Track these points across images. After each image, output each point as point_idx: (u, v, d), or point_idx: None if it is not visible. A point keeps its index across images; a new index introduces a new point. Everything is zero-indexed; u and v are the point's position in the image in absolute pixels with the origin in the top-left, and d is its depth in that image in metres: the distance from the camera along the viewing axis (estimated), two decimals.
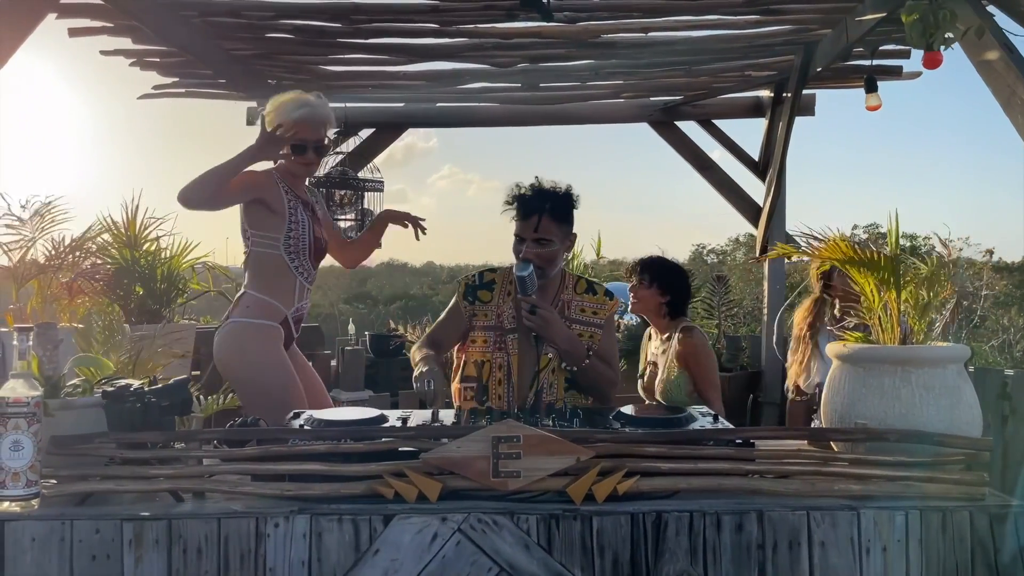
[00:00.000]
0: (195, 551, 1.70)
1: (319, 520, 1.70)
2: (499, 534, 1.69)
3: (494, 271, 2.80)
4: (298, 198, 2.93)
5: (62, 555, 1.69)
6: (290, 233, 2.86)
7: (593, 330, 2.71)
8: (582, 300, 2.74)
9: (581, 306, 2.73)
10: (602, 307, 2.75)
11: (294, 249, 2.88)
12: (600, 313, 2.74)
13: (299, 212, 2.90)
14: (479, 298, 2.74)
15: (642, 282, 3.41)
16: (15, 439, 1.71)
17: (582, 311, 2.72)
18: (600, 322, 2.72)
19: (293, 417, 2.15)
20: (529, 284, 2.52)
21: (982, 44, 2.51)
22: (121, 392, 1.95)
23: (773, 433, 2.50)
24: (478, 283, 2.76)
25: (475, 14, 3.91)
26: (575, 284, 2.77)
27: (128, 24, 3.85)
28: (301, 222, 2.90)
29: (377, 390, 5.79)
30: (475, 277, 2.79)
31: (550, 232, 2.60)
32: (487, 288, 2.75)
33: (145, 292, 4.17)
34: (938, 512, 1.73)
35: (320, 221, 3.02)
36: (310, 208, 2.98)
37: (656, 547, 1.70)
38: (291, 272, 2.89)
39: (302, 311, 2.98)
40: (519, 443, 1.73)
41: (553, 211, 2.61)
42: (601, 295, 2.77)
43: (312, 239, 2.93)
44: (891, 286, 1.95)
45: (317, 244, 2.96)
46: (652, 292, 3.38)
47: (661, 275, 3.40)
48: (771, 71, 5.05)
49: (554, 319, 2.56)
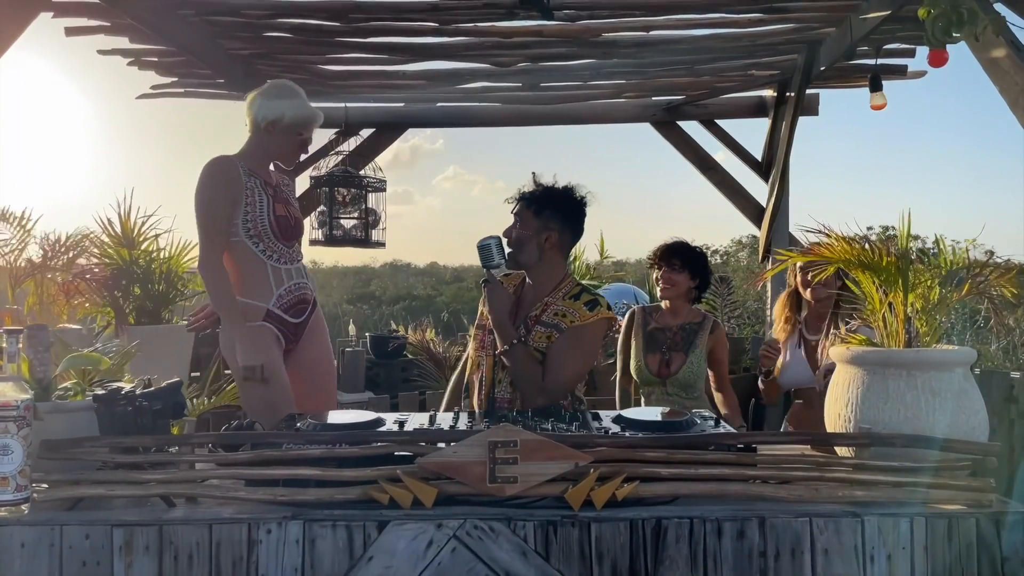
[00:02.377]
0: (186, 557, 1.67)
1: (312, 526, 1.67)
2: (496, 541, 1.66)
3: (508, 275, 2.80)
4: (254, 176, 2.84)
5: (52, 561, 1.66)
6: (246, 216, 2.77)
7: (550, 331, 2.60)
8: (562, 304, 2.64)
9: (555, 310, 2.63)
10: (574, 313, 2.61)
11: (254, 231, 2.78)
12: (567, 318, 2.60)
13: (255, 192, 2.80)
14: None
15: (674, 267, 3.42)
16: (4, 443, 1.68)
17: (554, 315, 2.62)
18: (562, 326, 2.60)
19: (288, 420, 2.12)
20: (486, 255, 2.59)
21: (989, 42, 2.47)
22: (113, 395, 1.92)
23: (775, 438, 2.46)
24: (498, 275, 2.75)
25: (475, 13, 3.89)
26: (568, 291, 2.68)
27: (126, 23, 3.82)
28: (258, 202, 2.79)
29: (377, 391, 5.76)
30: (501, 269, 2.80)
31: (523, 217, 2.66)
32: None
33: (143, 293, 4.14)
34: (944, 519, 1.70)
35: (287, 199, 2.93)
36: (273, 187, 2.89)
37: (656, 554, 1.67)
38: (258, 258, 2.79)
39: (289, 296, 2.85)
40: (516, 448, 1.70)
41: (530, 200, 2.67)
42: (580, 303, 2.63)
43: (273, 217, 2.81)
44: (898, 288, 1.92)
45: (282, 222, 2.85)
46: (685, 276, 3.42)
47: (691, 259, 3.44)
48: (774, 70, 5.02)
49: (494, 293, 2.60)
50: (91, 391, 1.98)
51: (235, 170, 2.79)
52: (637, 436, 1.88)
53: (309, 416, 2.09)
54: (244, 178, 2.80)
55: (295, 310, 2.87)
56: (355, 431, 1.93)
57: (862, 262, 1.98)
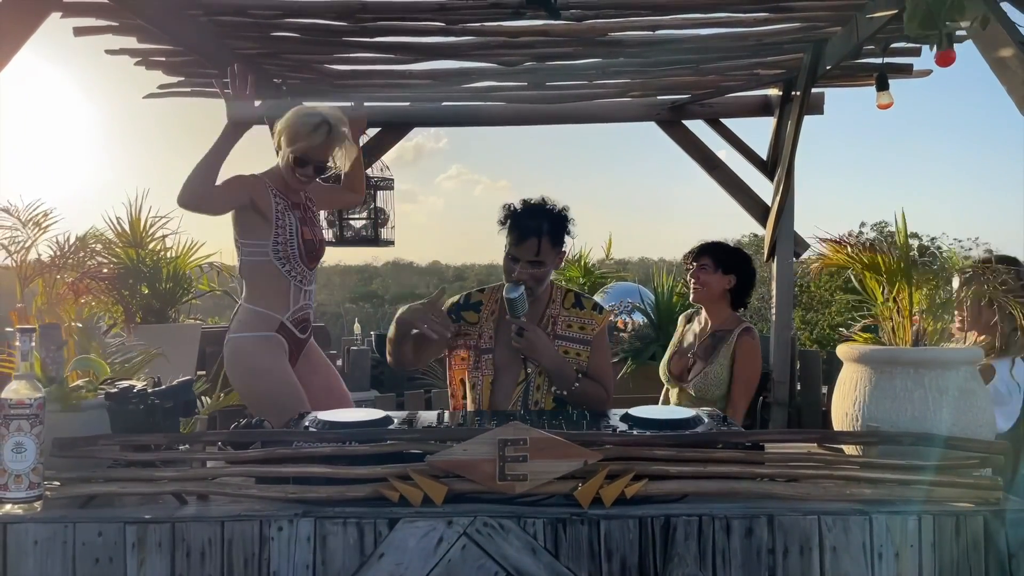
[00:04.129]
0: (198, 554, 1.68)
1: (323, 523, 1.69)
2: (505, 538, 1.67)
3: (483, 291, 2.76)
4: (287, 200, 2.93)
5: (65, 558, 1.68)
6: (277, 238, 2.86)
7: (580, 347, 2.65)
8: (569, 315, 2.68)
9: (568, 322, 2.67)
10: (590, 322, 2.68)
11: (283, 254, 2.87)
12: (587, 329, 2.67)
13: (287, 216, 2.89)
14: (464, 318, 2.69)
15: (704, 267, 3.28)
16: (17, 441, 1.70)
17: (569, 327, 2.67)
18: (588, 339, 2.66)
19: (298, 419, 2.13)
20: (520, 306, 2.52)
21: (996, 41, 2.47)
22: (125, 393, 1.93)
23: (783, 436, 2.47)
24: (463, 304, 2.72)
25: (481, 12, 3.88)
26: (563, 298, 2.72)
27: (134, 23, 3.83)
28: (288, 226, 2.88)
29: (383, 390, 5.78)
30: (463, 298, 2.75)
31: (545, 254, 2.58)
32: (474, 309, 2.71)
33: (150, 292, 4.16)
34: (951, 516, 1.70)
35: (312, 221, 3.02)
36: (300, 209, 2.97)
37: (664, 552, 1.68)
38: (283, 277, 2.88)
39: (302, 313, 2.97)
40: (526, 446, 1.71)
41: (551, 233, 2.58)
42: (589, 309, 2.71)
43: (301, 241, 2.91)
44: (903, 288, 1.92)
45: (309, 245, 2.94)
46: (718, 277, 3.27)
47: (726, 258, 3.29)
48: (780, 69, 5.01)
49: (540, 341, 2.55)
50: (103, 389, 1.99)
51: (262, 186, 2.88)
52: (645, 434, 1.89)
53: (318, 414, 2.11)
54: (273, 199, 2.88)
55: (301, 327, 2.98)
56: (365, 429, 1.94)
57: (867, 264, 1.98)
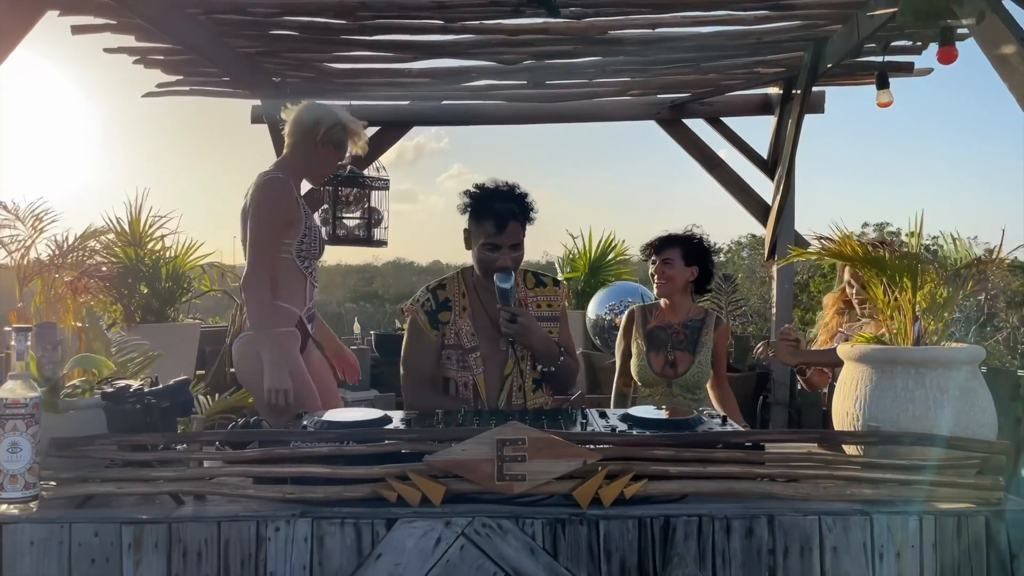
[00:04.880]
0: (195, 555, 1.67)
1: (321, 524, 1.68)
2: (504, 538, 1.66)
3: (443, 286, 2.70)
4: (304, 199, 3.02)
5: (61, 558, 1.67)
6: (303, 239, 2.93)
7: (551, 324, 2.71)
8: (536, 295, 2.73)
9: (537, 302, 2.72)
10: (555, 298, 2.75)
11: (306, 254, 2.95)
12: (554, 305, 2.74)
13: (308, 216, 2.98)
14: (440, 320, 2.65)
15: (668, 261, 3.27)
16: (13, 441, 1.69)
17: (538, 307, 2.72)
18: (556, 315, 2.73)
19: (296, 418, 2.12)
20: (512, 294, 2.52)
21: (997, 38, 2.46)
22: (121, 393, 1.93)
23: (783, 436, 2.46)
24: (436, 307, 2.65)
25: (481, 10, 3.88)
26: (524, 279, 2.75)
27: (132, 21, 3.82)
28: (313, 228, 2.99)
29: (382, 390, 5.76)
30: (430, 301, 2.66)
31: (521, 235, 2.60)
32: (445, 308, 2.65)
33: (150, 291, 4.15)
34: (952, 516, 1.70)
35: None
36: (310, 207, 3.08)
37: (664, 552, 1.67)
38: (302, 274, 2.94)
39: (313, 309, 3.05)
40: (524, 446, 1.70)
41: (523, 214, 2.60)
42: (551, 285, 2.76)
43: (320, 239, 3.03)
44: (906, 287, 1.91)
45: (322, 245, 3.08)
46: (680, 269, 3.27)
47: (687, 250, 3.28)
48: (780, 68, 5.00)
49: (533, 325, 2.56)
50: (99, 389, 1.98)
51: (292, 193, 2.92)
52: (645, 434, 1.88)
53: (316, 414, 2.10)
54: (301, 203, 2.95)
55: (312, 323, 3.05)
56: (363, 429, 1.93)
57: (871, 261, 1.97)
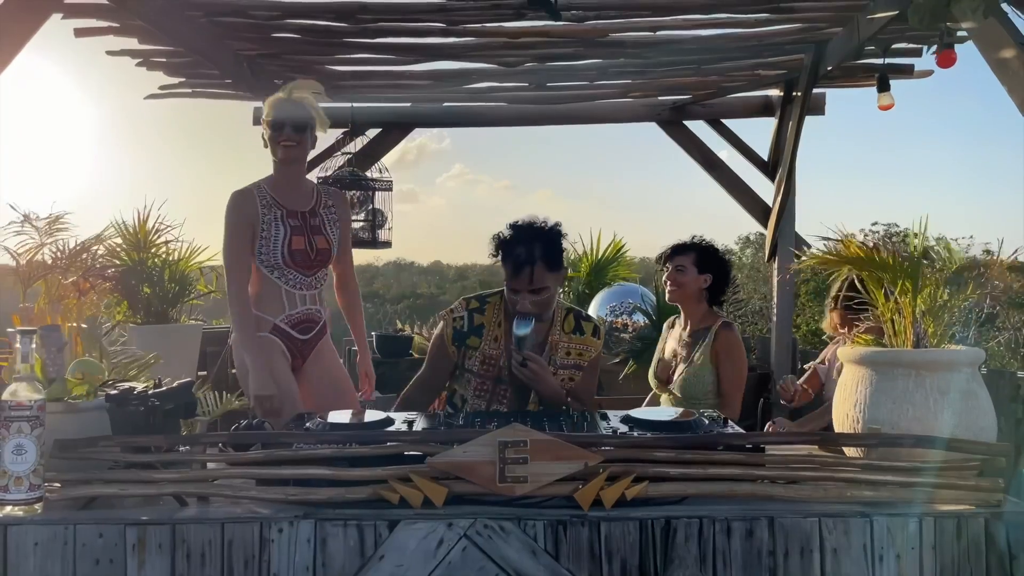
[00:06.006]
0: (198, 556, 1.68)
1: (324, 525, 1.68)
2: (506, 540, 1.67)
3: (482, 310, 2.64)
4: (282, 208, 2.89)
5: (65, 560, 1.68)
6: (261, 248, 2.86)
7: (574, 372, 2.65)
8: (569, 342, 2.66)
9: (567, 348, 2.65)
10: (587, 349, 2.68)
11: (268, 262, 2.87)
12: (585, 356, 2.67)
13: (273, 224, 2.86)
14: (468, 344, 2.63)
15: (679, 268, 3.22)
16: (18, 443, 1.69)
17: (567, 354, 2.65)
18: (583, 364, 2.66)
19: (299, 420, 2.13)
20: (525, 342, 2.46)
21: (996, 42, 2.47)
22: (125, 395, 1.93)
23: (784, 438, 2.47)
24: (467, 328, 2.63)
25: (482, 13, 3.89)
26: (563, 321, 2.67)
27: (134, 24, 3.83)
28: (272, 236, 2.86)
29: (384, 391, 5.76)
30: (462, 319, 2.64)
31: (545, 280, 2.50)
32: (476, 334, 2.62)
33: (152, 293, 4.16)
34: (953, 519, 1.70)
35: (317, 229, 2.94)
36: (299, 217, 2.91)
37: (665, 554, 1.67)
38: (274, 282, 2.89)
39: (300, 317, 2.94)
40: (526, 448, 1.71)
41: (546, 259, 2.49)
42: (588, 335, 2.68)
43: (287, 250, 2.86)
44: (907, 290, 1.92)
45: (296, 255, 2.88)
46: (692, 277, 3.20)
47: (700, 258, 3.23)
48: (781, 70, 5.01)
49: (544, 372, 2.51)
50: (103, 391, 1.99)
51: (252, 203, 2.87)
52: (646, 436, 1.88)
53: (319, 416, 2.11)
54: (262, 211, 2.87)
55: (301, 327, 2.97)
56: (365, 431, 1.94)
57: (872, 263, 1.98)
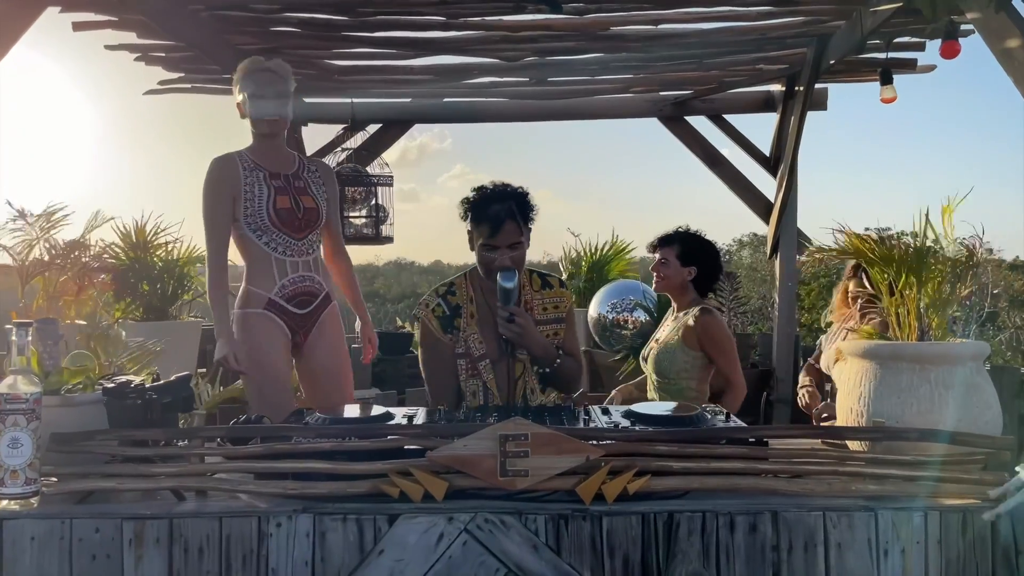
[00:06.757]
0: (196, 550, 1.67)
1: (323, 519, 1.67)
2: (507, 534, 1.66)
3: (453, 292, 2.67)
4: (265, 170, 2.86)
5: (62, 554, 1.66)
6: (247, 208, 2.79)
7: (556, 326, 2.70)
8: (543, 297, 2.71)
9: (543, 304, 2.71)
10: (561, 300, 2.73)
11: (254, 224, 2.81)
12: (560, 307, 2.72)
13: (256, 184, 2.82)
14: (455, 326, 2.64)
15: (663, 262, 3.23)
16: (13, 436, 1.68)
17: (544, 309, 2.70)
18: (562, 316, 2.71)
19: (298, 414, 2.12)
20: (514, 295, 2.51)
21: (1002, 32, 2.45)
22: (122, 389, 1.92)
23: (787, 432, 2.45)
24: (448, 311, 2.64)
25: (483, 7, 3.87)
26: (530, 281, 2.73)
27: (133, 18, 3.81)
28: (257, 195, 2.81)
29: (384, 388, 5.75)
30: (441, 306, 2.64)
31: (519, 235, 2.56)
32: (458, 315, 2.64)
33: (151, 291, 4.16)
34: (957, 512, 1.68)
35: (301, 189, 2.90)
36: (282, 178, 2.88)
37: (668, 548, 1.66)
38: (262, 249, 2.83)
39: (293, 288, 2.87)
40: (527, 441, 1.69)
41: (521, 212, 2.56)
42: (557, 287, 2.75)
43: (272, 209, 2.81)
44: (912, 283, 1.90)
45: (283, 214, 2.84)
46: (676, 269, 3.20)
47: (685, 251, 3.22)
48: (783, 64, 4.99)
49: (530, 326, 2.55)
50: (100, 384, 1.98)
51: (232, 167, 2.84)
52: (648, 430, 1.87)
53: (318, 410, 2.09)
54: (244, 173, 2.83)
55: (298, 301, 2.90)
56: (365, 425, 1.93)
57: (876, 256, 1.96)
